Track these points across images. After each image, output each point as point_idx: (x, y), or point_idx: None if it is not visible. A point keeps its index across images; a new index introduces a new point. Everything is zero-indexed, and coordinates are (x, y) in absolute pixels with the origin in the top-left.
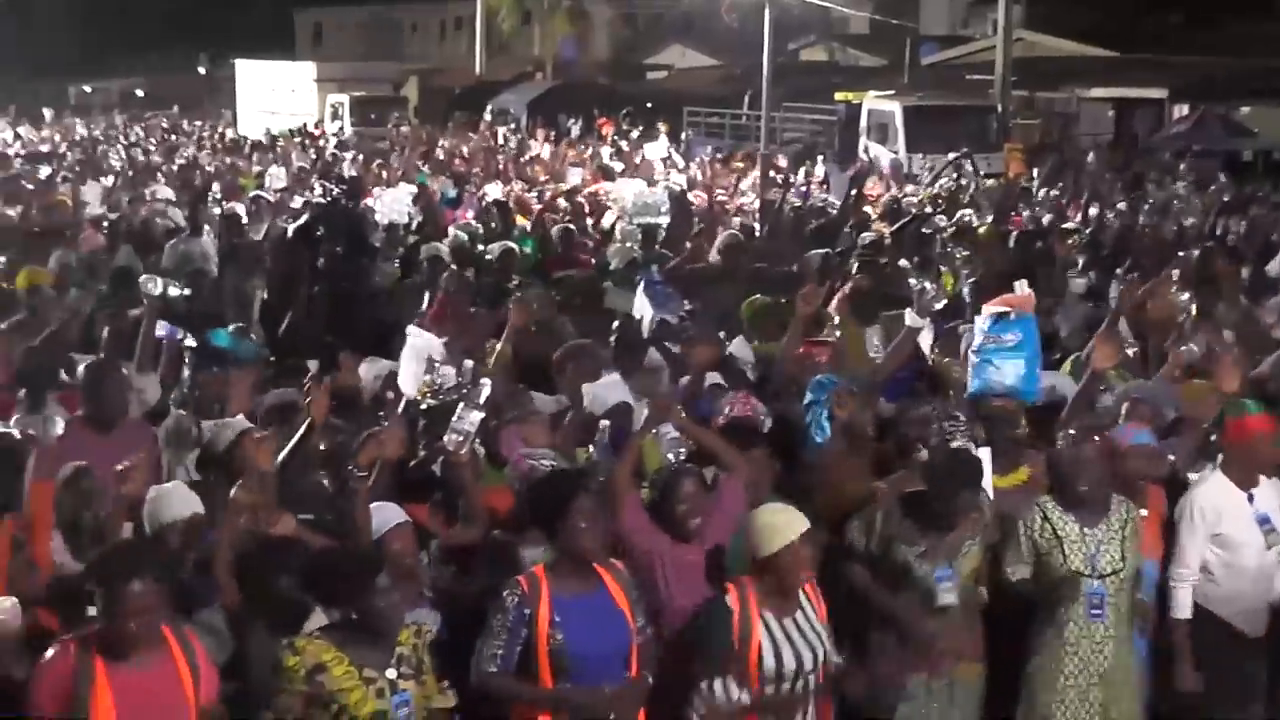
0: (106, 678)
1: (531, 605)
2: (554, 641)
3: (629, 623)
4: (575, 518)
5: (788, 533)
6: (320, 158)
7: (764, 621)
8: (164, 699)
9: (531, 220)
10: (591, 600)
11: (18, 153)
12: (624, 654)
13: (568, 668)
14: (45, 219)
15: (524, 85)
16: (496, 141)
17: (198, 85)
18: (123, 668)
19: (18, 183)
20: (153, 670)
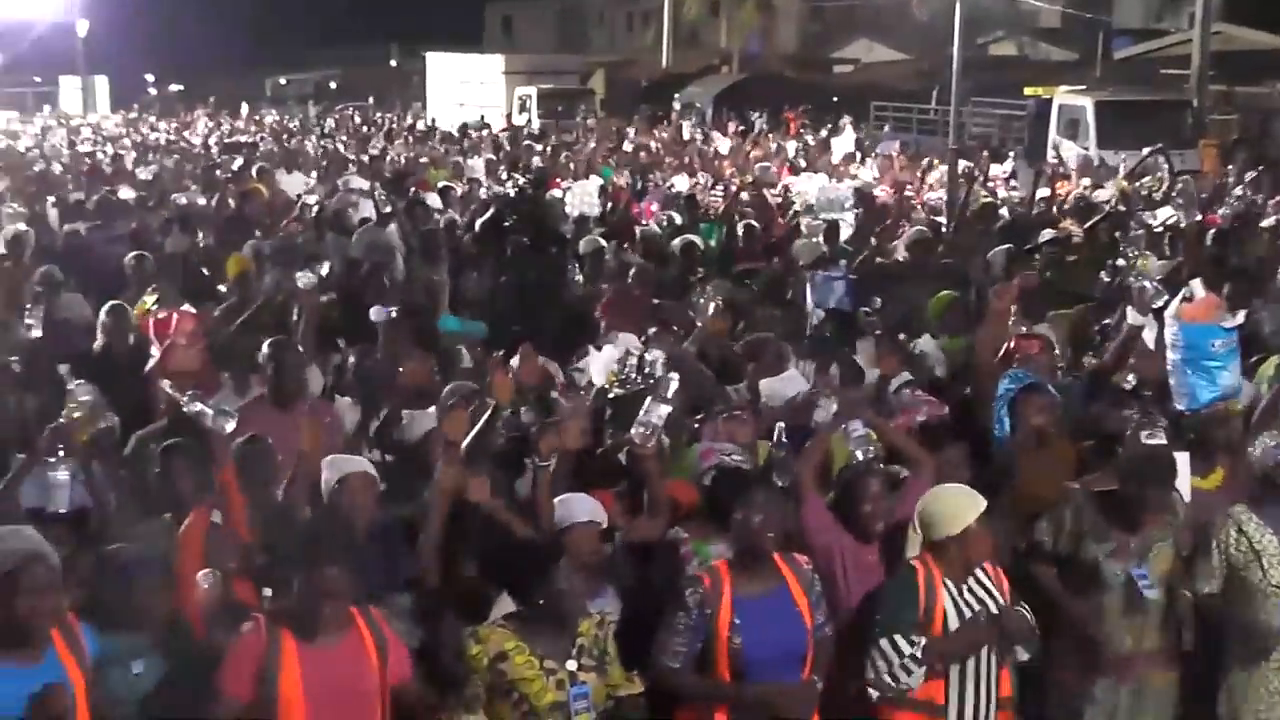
0: (295, 655)
1: (713, 604)
2: (733, 643)
3: (807, 623)
4: (752, 513)
5: (965, 516)
6: (509, 150)
7: (947, 589)
8: (350, 678)
9: (717, 214)
10: (772, 600)
11: (215, 143)
12: (800, 655)
13: (744, 668)
14: (243, 207)
15: (710, 78)
16: (682, 135)
17: (389, 77)
18: (311, 646)
19: (214, 172)
20: (340, 650)
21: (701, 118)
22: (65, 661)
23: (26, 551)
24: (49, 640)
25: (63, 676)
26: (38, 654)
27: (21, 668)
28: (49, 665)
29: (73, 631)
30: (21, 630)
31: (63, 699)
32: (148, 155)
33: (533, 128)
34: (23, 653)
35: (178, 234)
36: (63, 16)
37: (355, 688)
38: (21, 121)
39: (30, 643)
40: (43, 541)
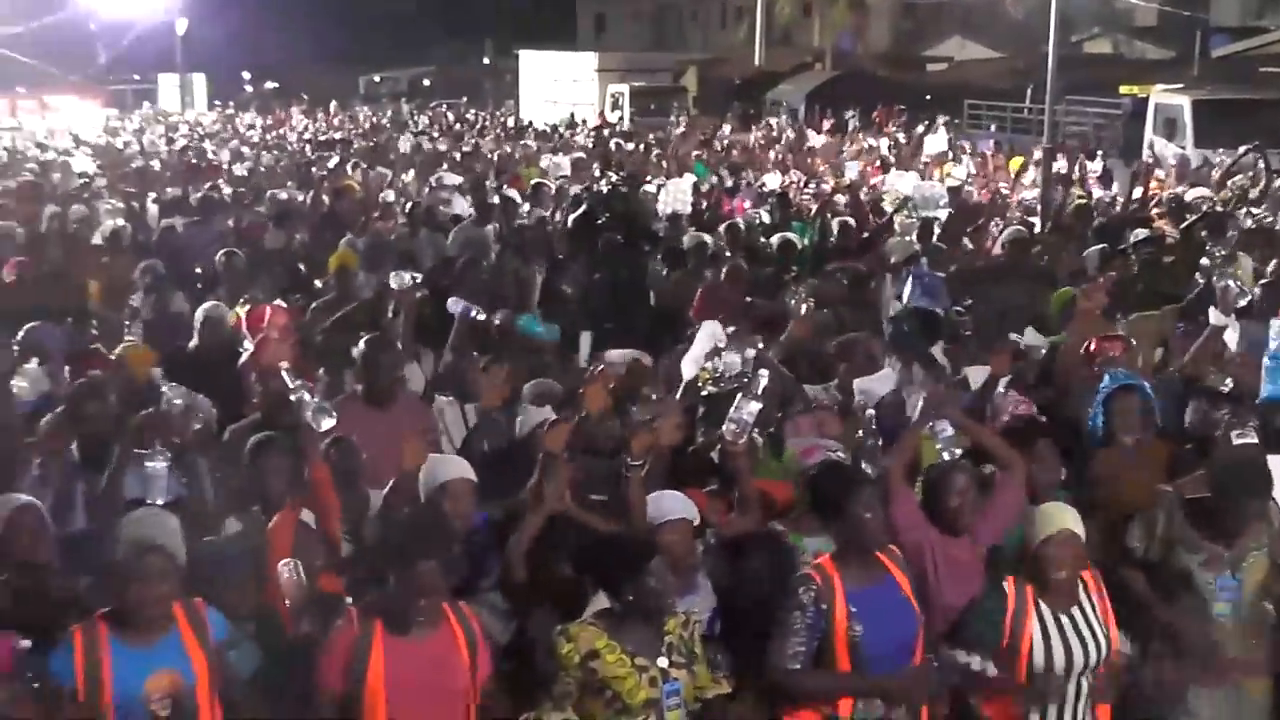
0: (383, 648)
1: (827, 599)
2: (853, 634)
3: (915, 610)
4: (858, 507)
5: (1051, 525)
6: (601, 147)
7: (1039, 615)
8: (438, 674)
9: (811, 212)
10: (881, 591)
11: (308, 140)
12: (912, 644)
13: (863, 660)
14: (336, 204)
15: (803, 76)
16: (775, 132)
17: (482, 75)
18: (401, 640)
19: (309, 170)
20: (430, 645)
21: (793, 116)
22: (188, 645)
23: (142, 540)
24: (171, 623)
25: (184, 660)
26: (160, 637)
27: (144, 650)
28: (171, 648)
29: (199, 615)
30: (139, 614)
31: (177, 682)
32: (243, 152)
33: (625, 125)
34: (145, 635)
35: (274, 231)
36: (162, 16)
37: (442, 683)
38: (121, 119)
39: (150, 626)
40: (163, 530)
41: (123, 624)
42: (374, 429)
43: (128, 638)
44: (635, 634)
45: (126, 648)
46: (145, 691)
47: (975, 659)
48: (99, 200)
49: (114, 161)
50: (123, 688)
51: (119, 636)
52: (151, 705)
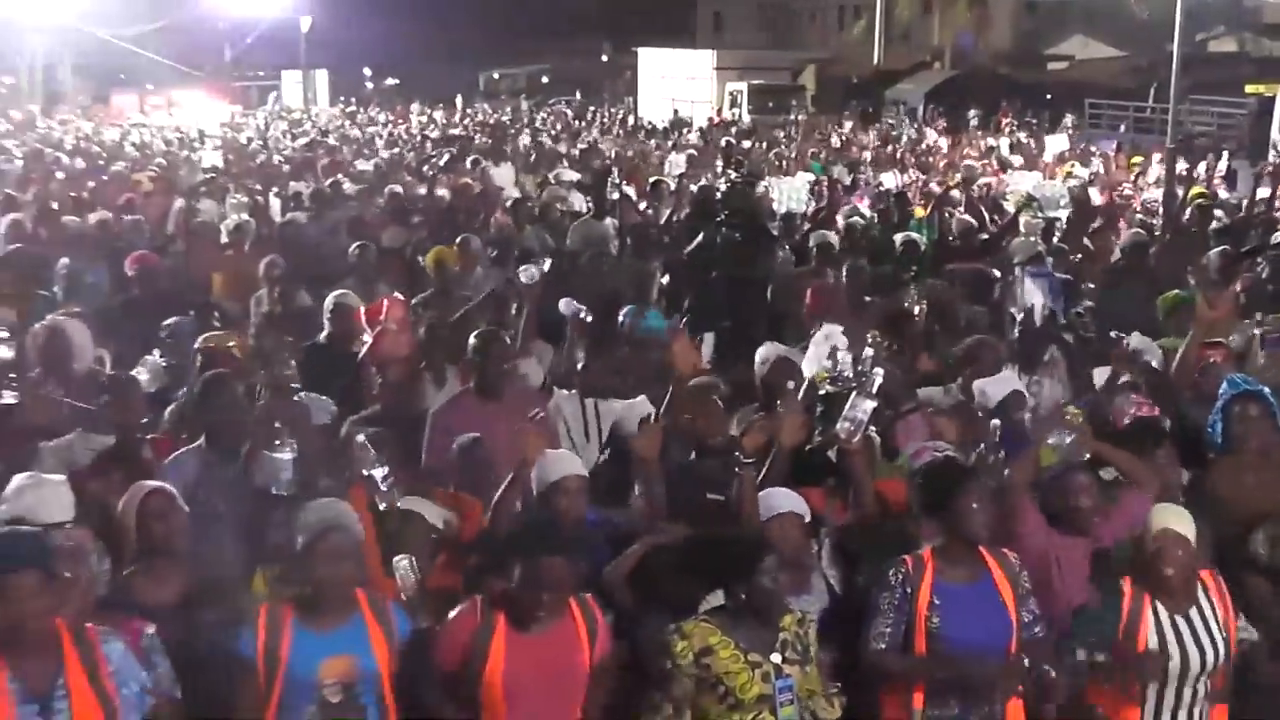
0: (504, 640)
1: (913, 585)
2: (931, 624)
3: (1011, 616)
4: (965, 502)
5: (1159, 525)
6: (717, 144)
7: (1155, 616)
8: (557, 663)
9: (928, 211)
10: (975, 589)
11: (428, 136)
12: (1002, 647)
13: (942, 651)
14: (455, 199)
15: (921, 75)
16: (892, 131)
17: (600, 72)
18: (523, 633)
19: (429, 166)
20: (551, 635)
21: (912, 115)
22: (371, 635)
23: (326, 521)
24: (356, 612)
25: (366, 648)
26: (343, 624)
27: (325, 635)
28: (354, 636)
29: (384, 607)
30: (323, 595)
31: (351, 669)
32: (365, 148)
33: (743, 123)
34: (328, 621)
35: (393, 226)
36: (287, 13)
37: (561, 675)
38: (246, 115)
39: (333, 608)
40: (345, 512)
41: (308, 608)
42: (486, 422)
43: (311, 621)
44: (749, 630)
45: (308, 631)
46: (318, 675)
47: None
48: (224, 195)
49: (239, 157)
50: (299, 669)
51: (302, 619)
52: (323, 689)
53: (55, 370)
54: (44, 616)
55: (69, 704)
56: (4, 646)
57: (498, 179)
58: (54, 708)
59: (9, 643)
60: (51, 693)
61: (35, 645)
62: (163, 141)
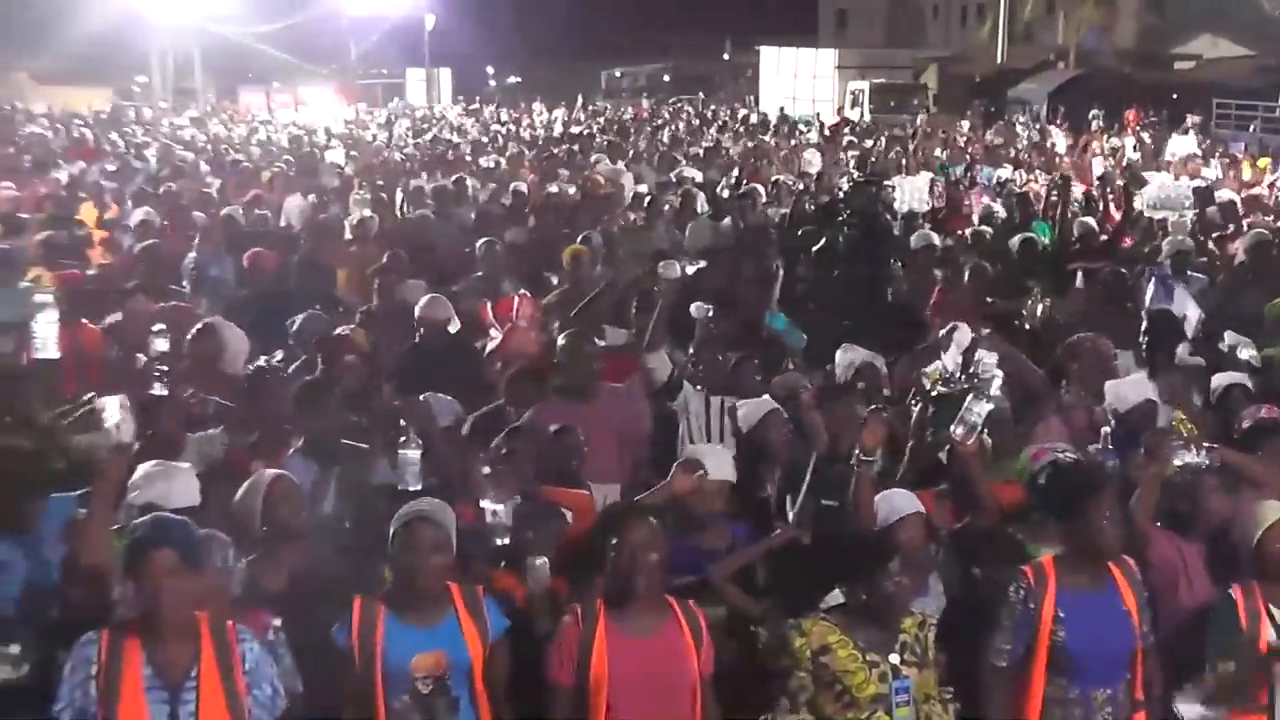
0: (606, 642)
1: (1036, 599)
2: (1056, 637)
3: (1135, 624)
4: (1099, 511)
5: (1266, 520)
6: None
7: (1270, 616)
8: (663, 667)
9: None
10: (1099, 598)
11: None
12: (1126, 655)
13: (1067, 664)
14: (580, 197)
15: (1045, 74)
16: (1016, 130)
17: (722, 70)
18: (625, 635)
19: (555, 161)
20: (654, 639)
21: (1035, 115)
22: (465, 629)
23: (414, 512)
24: (449, 607)
25: (459, 643)
26: (437, 619)
27: (419, 629)
28: (447, 631)
29: (479, 604)
30: (414, 588)
31: (442, 663)
32: (487, 145)
33: (864, 122)
34: (422, 615)
35: (518, 223)
36: (411, 11)
37: (666, 677)
38: (370, 112)
39: (425, 602)
40: (437, 506)
41: (401, 602)
42: (579, 422)
43: (405, 615)
44: (868, 630)
45: (402, 624)
46: (411, 668)
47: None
48: (349, 191)
49: (363, 154)
50: (394, 662)
51: (396, 613)
52: (415, 682)
53: (208, 367)
54: (182, 601)
55: (197, 697)
56: (143, 632)
57: (620, 177)
58: (182, 699)
59: (148, 628)
60: (182, 684)
61: (174, 634)
62: (288, 139)
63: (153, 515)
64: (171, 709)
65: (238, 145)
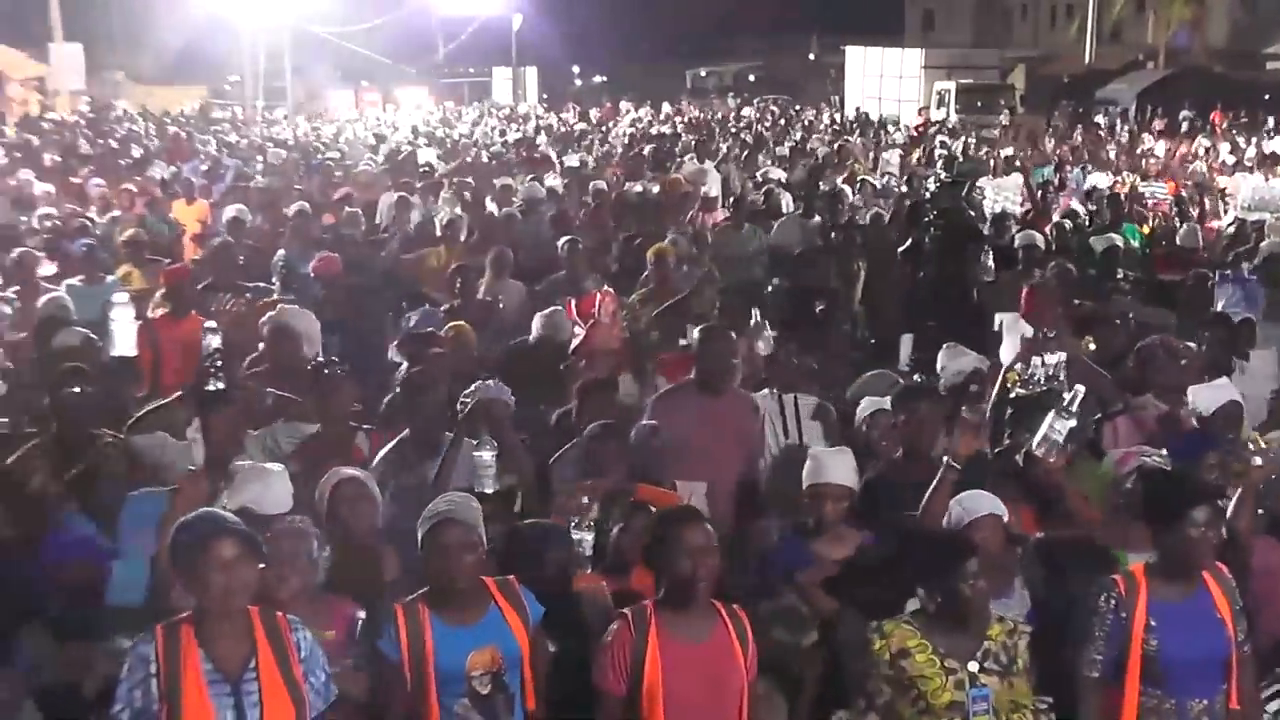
0: (659, 649)
1: (1127, 608)
2: (1148, 647)
3: (1229, 632)
4: (1191, 523)
5: None
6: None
7: None
8: (716, 672)
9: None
10: (1191, 605)
11: (636, 133)
12: (1221, 663)
13: (1160, 674)
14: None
15: (1134, 74)
16: (1104, 131)
17: (808, 70)
18: (679, 640)
19: (640, 161)
20: (706, 643)
21: (1123, 115)
22: (510, 622)
23: (441, 513)
24: (490, 602)
25: (506, 637)
26: (480, 615)
27: (465, 627)
28: (493, 626)
29: (516, 594)
30: (451, 589)
31: (497, 659)
32: (574, 144)
33: (950, 123)
34: (465, 613)
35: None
36: (499, 11)
37: (718, 682)
38: (457, 111)
39: (466, 601)
40: (465, 506)
41: (442, 602)
42: (705, 416)
43: (448, 615)
44: (950, 636)
45: (448, 625)
46: (467, 668)
47: None
48: (438, 190)
49: (450, 153)
50: (446, 663)
51: (440, 614)
52: (472, 681)
53: (279, 360)
54: (242, 593)
55: (258, 687)
56: (199, 627)
57: (704, 177)
58: (244, 690)
59: (204, 623)
60: (242, 675)
61: (229, 628)
62: (375, 137)
63: (205, 510)
64: (235, 700)
65: (326, 144)
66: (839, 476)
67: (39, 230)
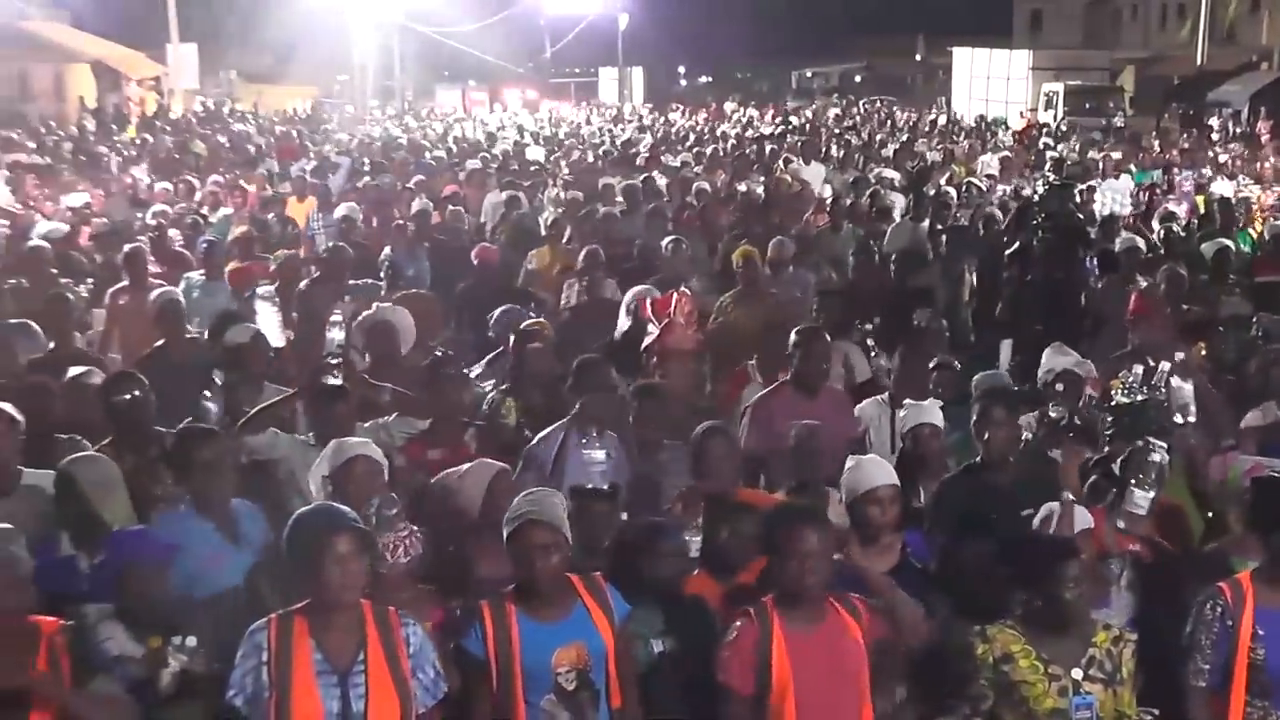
0: (784, 640)
1: (1234, 616)
2: (1254, 656)
3: None
4: None
5: None
6: (1032, 146)
7: None
8: (835, 659)
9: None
10: None
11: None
12: None
13: (1267, 684)
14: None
15: (1247, 76)
16: (1215, 134)
17: (914, 71)
18: (800, 632)
19: (746, 161)
20: (825, 635)
21: (1235, 117)
22: (595, 618)
23: (523, 514)
24: (576, 599)
25: (592, 633)
26: (566, 612)
27: (551, 624)
28: (578, 623)
29: (602, 591)
30: (535, 586)
31: (583, 655)
32: (678, 144)
33: (1059, 125)
34: (551, 611)
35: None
36: (606, 11)
37: (843, 672)
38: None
39: (551, 598)
40: (550, 504)
41: (529, 600)
42: (801, 417)
43: (535, 612)
44: (1054, 642)
45: (534, 622)
46: (553, 665)
47: None
48: (544, 189)
49: (559, 152)
50: (532, 660)
51: (526, 611)
52: (558, 678)
53: (381, 357)
54: (356, 588)
55: (366, 680)
56: (311, 619)
57: (809, 177)
58: (352, 682)
59: (317, 615)
60: (351, 668)
61: (341, 620)
62: (483, 136)
63: (321, 504)
64: (342, 692)
65: (434, 143)
66: (889, 477)
67: (151, 227)
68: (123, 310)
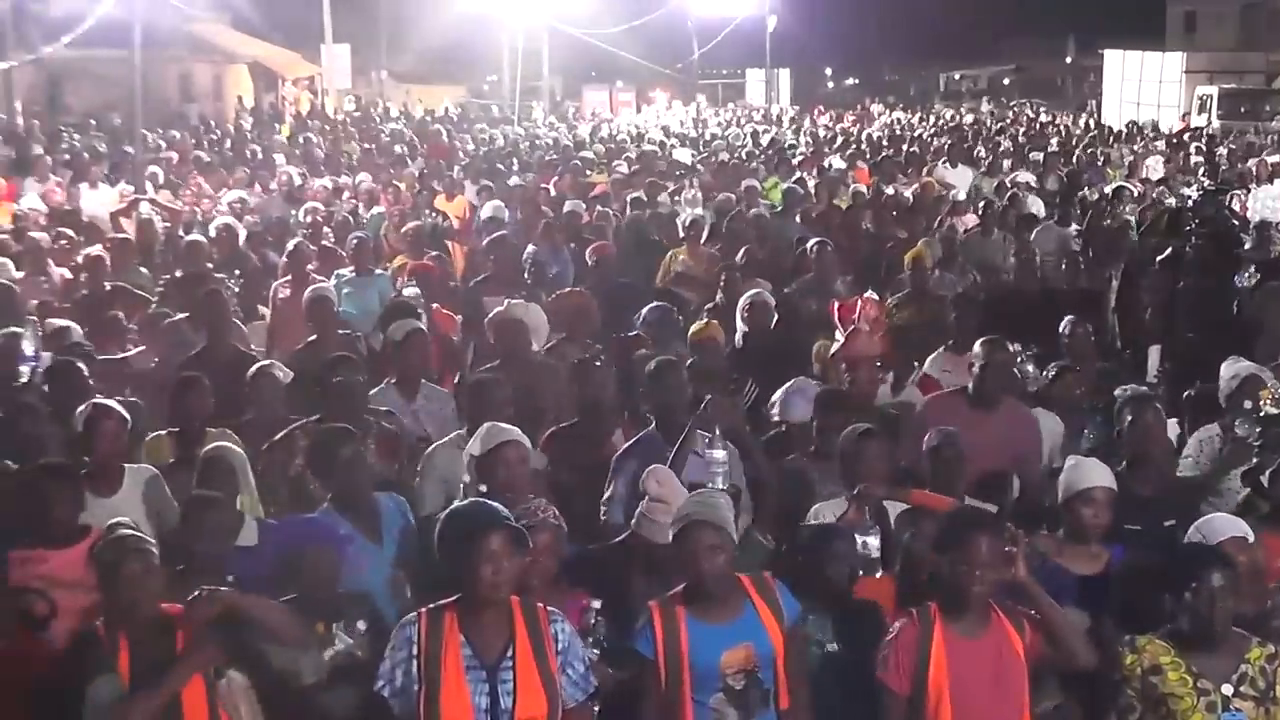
0: (944, 645)
1: None
2: None
3: None
4: None
5: None
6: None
7: None
8: (996, 665)
9: None
10: None
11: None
12: None
13: None
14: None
15: None
16: None
17: (1064, 73)
18: (962, 637)
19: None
20: (986, 643)
21: None
22: (764, 619)
23: (691, 515)
24: (745, 599)
25: (761, 634)
26: (735, 613)
27: (720, 625)
28: (747, 624)
29: (773, 593)
30: (705, 588)
31: (751, 657)
32: (824, 146)
33: (1212, 129)
34: (720, 612)
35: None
36: (754, 13)
37: (1001, 680)
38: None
39: (721, 599)
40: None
41: (697, 600)
42: (975, 428)
43: (703, 613)
44: (1205, 656)
45: (703, 623)
46: (721, 665)
47: None
48: (686, 190)
49: (703, 154)
50: (700, 661)
51: (695, 612)
52: (726, 679)
53: (510, 353)
54: (507, 585)
55: (514, 675)
56: (461, 613)
57: (955, 181)
58: (500, 678)
59: (466, 610)
60: (499, 663)
61: (491, 616)
62: (633, 137)
63: (474, 500)
64: (490, 687)
65: (581, 144)
66: (1106, 479)
67: (305, 225)
68: (283, 305)
